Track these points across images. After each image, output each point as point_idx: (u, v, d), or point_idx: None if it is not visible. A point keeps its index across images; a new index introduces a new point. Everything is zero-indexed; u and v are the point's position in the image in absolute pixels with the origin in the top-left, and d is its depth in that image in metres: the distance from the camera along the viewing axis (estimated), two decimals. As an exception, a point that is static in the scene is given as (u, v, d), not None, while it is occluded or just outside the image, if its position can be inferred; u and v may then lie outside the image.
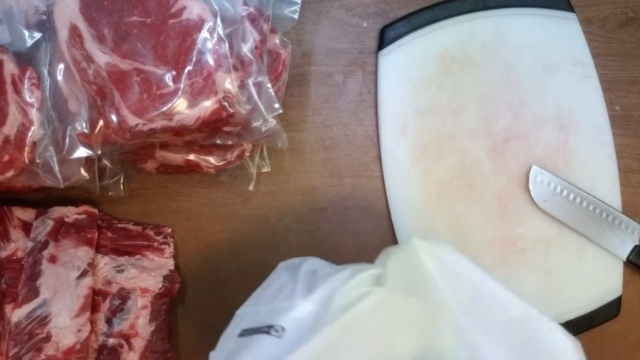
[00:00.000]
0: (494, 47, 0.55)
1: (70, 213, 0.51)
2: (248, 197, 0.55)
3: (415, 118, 0.55)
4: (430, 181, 0.54)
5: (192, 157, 0.50)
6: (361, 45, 0.56)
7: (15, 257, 0.49)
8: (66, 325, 0.46)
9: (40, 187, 0.47)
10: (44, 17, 0.44)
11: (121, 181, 0.51)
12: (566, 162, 0.54)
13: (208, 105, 0.43)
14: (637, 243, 0.53)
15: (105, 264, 0.51)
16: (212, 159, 0.51)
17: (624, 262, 0.54)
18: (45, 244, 0.49)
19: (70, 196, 0.53)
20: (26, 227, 0.50)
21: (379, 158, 0.55)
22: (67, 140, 0.43)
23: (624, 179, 0.55)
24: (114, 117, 0.42)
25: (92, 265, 0.49)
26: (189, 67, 0.42)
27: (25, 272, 0.47)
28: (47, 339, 0.46)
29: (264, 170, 0.54)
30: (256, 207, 0.55)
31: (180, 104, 0.42)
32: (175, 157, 0.50)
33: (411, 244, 0.37)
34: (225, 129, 0.46)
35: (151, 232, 0.54)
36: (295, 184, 0.55)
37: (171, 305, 0.53)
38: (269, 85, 0.46)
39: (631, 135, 0.56)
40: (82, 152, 0.44)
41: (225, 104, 0.43)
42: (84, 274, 0.48)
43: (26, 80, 0.44)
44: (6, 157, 0.44)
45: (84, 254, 0.49)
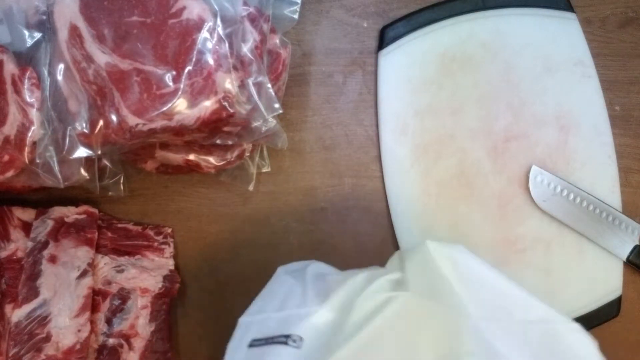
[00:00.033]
0: (494, 47, 0.55)
1: (70, 213, 0.51)
2: (248, 197, 0.55)
3: (415, 118, 0.55)
4: (430, 181, 0.54)
5: (192, 157, 0.50)
6: (361, 45, 0.56)
7: (15, 257, 0.49)
8: (66, 325, 0.46)
9: (40, 187, 0.47)
10: (44, 17, 0.44)
11: (121, 181, 0.51)
12: (566, 162, 0.54)
13: (208, 105, 0.43)
14: (637, 243, 0.53)
15: (105, 264, 0.51)
16: (212, 159, 0.51)
17: (624, 262, 0.54)
18: (45, 244, 0.49)
19: (70, 196, 0.53)
20: (26, 227, 0.50)
21: (379, 158, 0.55)
22: (67, 140, 0.43)
23: (624, 179, 0.55)
24: (114, 117, 0.42)
25: (92, 265, 0.49)
26: (189, 67, 0.42)
27: (25, 272, 0.47)
28: (47, 339, 0.46)
29: (264, 170, 0.54)
30: (256, 207, 0.55)
31: (180, 104, 0.42)
32: (175, 157, 0.50)
33: (425, 247, 0.36)
34: (225, 129, 0.46)
35: (151, 232, 0.54)
36: (295, 184, 0.55)
37: (171, 305, 0.53)
38: (269, 85, 0.46)
39: (631, 135, 0.56)
40: (82, 152, 0.44)
41: (225, 104, 0.43)
42: (84, 274, 0.48)
43: (26, 80, 0.44)
44: (6, 157, 0.44)
45: (84, 254, 0.49)
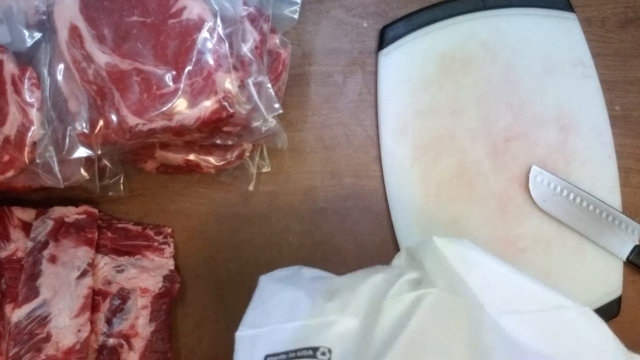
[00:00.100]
0: (494, 47, 0.55)
1: (70, 213, 0.51)
2: (248, 197, 0.55)
3: (415, 118, 0.54)
4: (430, 181, 0.54)
5: (192, 157, 0.50)
6: (361, 45, 0.56)
7: (15, 257, 0.49)
8: (66, 325, 0.46)
9: (40, 187, 0.47)
10: (44, 17, 0.44)
11: (121, 181, 0.51)
12: (566, 162, 0.54)
13: (208, 105, 0.43)
14: (637, 243, 0.53)
15: (105, 264, 0.51)
16: (212, 159, 0.51)
17: (624, 262, 0.54)
18: (45, 244, 0.49)
19: (70, 196, 0.53)
20: (26, 227, 0.50)
21: (379, 158, 0.55)
22: (67, 140, 0.43)
23: (624, 179, 0.55)
24: (114, 117, 0.42)
25: (92, 265, 0.49)
26: (189, 67, 0.42)
27: (25, 272, 0.47)
28: (47, 339, 0.46)
29: (264, 170, 0.54)
30: (256, 207, 0.55)
31: (180, 104, 0.42)
32: (175, 157, 0.50)
33: (433, 243, 0.36)
34: (225, 129, 0.46)
35: (151, 232, 0.54)
36: (295, 184, 0.55)
37: (171, 305, 0.52)
38: (269, 85, 0.46)
39: (631, 135, 0.56)
40: (82, 152, 0.44)
41: (225, 104, 0.43)
42: (84, 274, 0.48)
43: (26, 80, 0.44)
44: (6, 157, 0.44)
45: (84, 254, 0.49)
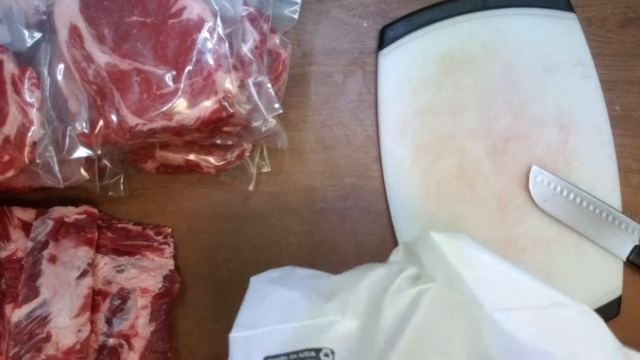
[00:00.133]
0: (494, 47, 0.55)
1: (70, 213, 0.51)
2: (248, 197, 0.55)
3: (415, 118, 0.54)
4: (430, 181, 0.54)
5: (192, 157, 0.50)
6: (361, 45, 0.56)
7: (15, 257, 0.49)
8: (66, 325, 0.46)
9: (40, 187, 0.47)
10: (44, 17, 0.44)
11: (121, 181, 0.51)
12: (566, 162, 0.54)
13: (208, 105, 0.43)
14: (637, 243, 0.53)
15: (105, 264, 0.51)
16: (212, 159, 0.51)
17: (624, 262, 0.54)
18: (45, 244, 0.49)
19: (70, 196, 0.53)
20: (26, 227, 0.50)
21: (379, 158, 0.55)
22: (67, 140, 0.43)
23: (624, 179, 0.55)
24: (114, 117, 0.42)
25: (92, 265, 0.49)
26: (189, 67, 0.42)
27: (25, 272, 0.47)
28: (47, 339, 0.46)
29: (264, 170, 0.54)
30: (256, 207, 0.55)
31: (180, 104, 0.42)
32: (175, 157, 0.50)
33: (431, 238, 0.35)
34: (225, 129, 0.46)
35: (151, 232, 0.54)
36: (295, 184, 0.55)
37: (171, 305, 0.52)
38: (269, 85, 0.46)
39: (631, 135, 0.56)
40: (82, 152, 0.44)
41: (225, 104, 0.43)
42: (84, 274, 0.48)
43: (26, 80, 0.44)
44: (6, 157, 0.44)
45: (84, 254, 0.49)
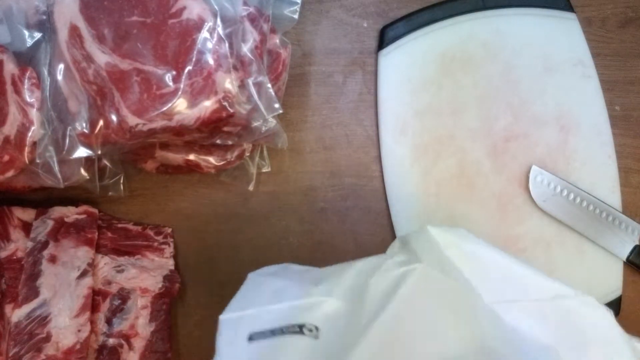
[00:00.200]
0: (494, 47, 0.55)
1: (70, 213, 0.51)
2: (248, 197, 0.55)
3: (415, 118, 0.55)
4: (430, 181, 0.54)
5: (192, 157, 0.50)
6: (361, 45, 0.56)
7: (15, 257, 0.49)
8: (66, 325, 0.46)
9: (40, 187, 0.47)
10: (44, 17, 0.44)
11: (121, 181, 0.51)
12: (566, 162, 0.54)
13: (208, 105, 0.43)
14: (637, 243, 0.53)
15: (105, 264, 0.51)
16: (212, 159, 0.51)
17: (624, 262, 0.54)
18: (45, 244, 0.49)
19: (70, 196, 0.53)
20: (26, 227, 0.50)
21: (379, 158, 0.55)
22: (67, 140, 0.43)
23: (624, 179, 0.55)
24: (114, 117, 0.42)
25: (92, 265, 0.49)
26: (189, 67, 0.42)
27: (25, 272, 0.47)
28: (47, 339, 0.46)
29: (264, 170, 0.54)
30: (256, 207, 0.55)
31: (180, 104, 0.42)
32: (175, 157, 0.50)
33: (427, 233, 0.35)
34: (225, 129, 0.46)
35: (151, 232, 0.54)
36: (295, 184, 0.55)
37: (171, 305, 0.52)
38: (269, 85, 0.46)
39: (631, 135, 0.56)
40: (82, 152, 0.44)
41: (225, 104, 0.43)
42: (84, 274, 0.48)
43: (26, 80, 0.44)
44: (6, 157, 0.44)
45: (84, 254, 0.49)
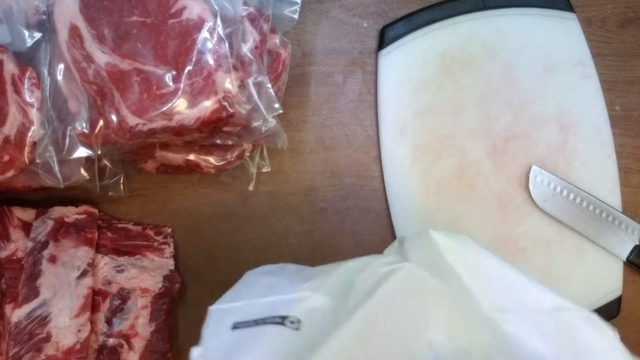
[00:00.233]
0: (494, 47, 0.55)
1: (70, 213, 0.51)
2: (248, 197, 0.55)
3: (415, 118, 0.55)
4: (430, 181, 0.54)
5: (192, 157, 0.50)
6: (361, 45, 0.56)
7: (15, 257, 0.49)
8: (66, 325, 0.46)
9: (40, 187, 0.47)
10: (44, 17, 0.44)
11: (121, 181, 0.51)
12: (566, 162, 0.54)
13: (208, 105, 0.43)
14: (637, 243, 0.53)
15: (105, 264, 0.51)
16: (212, 159, 0.51)
17: (624, 262, 0.54)
18: (45, 244, 0.49)
19: (70, 196, 0.53)
20: (26, 227, 0.50)
21: (379, 158, 0.55)
22: (67, 140, 0.43)
23: (624, 179, 0.55)
24: (114, 117, 0.42)
25: (92, 265, 0.49)
26: (189, 67, 0.42)
27: (25, 272, 0.47)
28: (47, 339, 0.46)
29: (264, 170, 0.54)
30: (256, 207, 0.55)
31: (180, 104, 0.42)
32: (175, 157, 0.50)
33: (429, 236, 0.35)
34: (225, 129, 0.46)
35: (151, 232, 0.54)
36: (295, 184, 0.55)
37: (171, 305, 0.52)
38: (269, 85, 0.46)
39: (631, 135, 0.56)
40: (82, 152, 0.44)
41: (225, 104, 0.43)
42: (84, 274, 0.48)
43: (26, 80, 0.44)
44: (6, 157, 0.44)
45: (84, 254, 0.49)
